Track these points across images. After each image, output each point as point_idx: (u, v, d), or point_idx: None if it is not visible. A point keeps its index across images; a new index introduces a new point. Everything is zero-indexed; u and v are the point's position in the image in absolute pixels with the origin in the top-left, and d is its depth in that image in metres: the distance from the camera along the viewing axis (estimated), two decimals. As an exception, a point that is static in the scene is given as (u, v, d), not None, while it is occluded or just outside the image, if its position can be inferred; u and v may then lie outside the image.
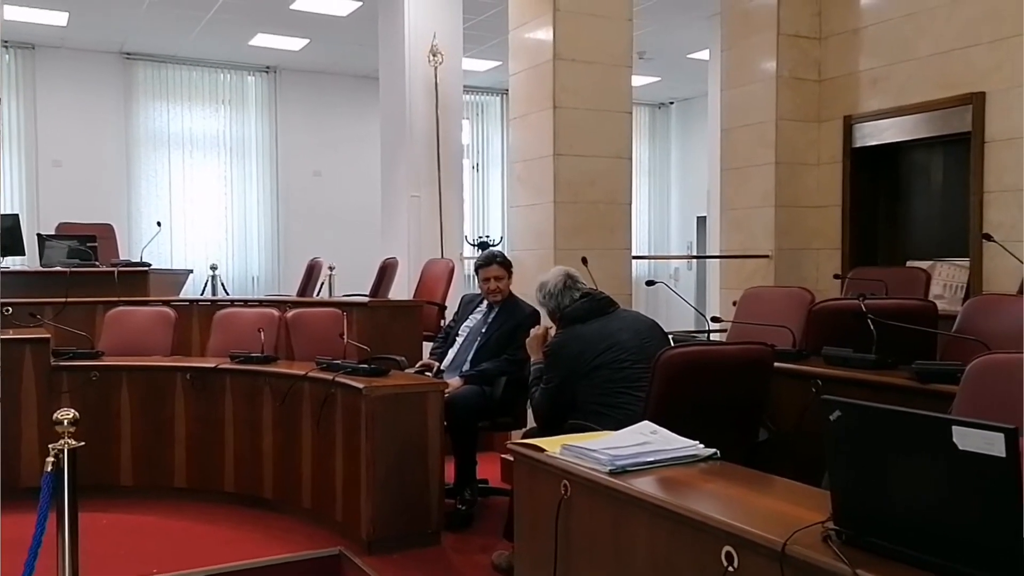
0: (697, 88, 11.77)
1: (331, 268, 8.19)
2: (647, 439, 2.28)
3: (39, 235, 6.80)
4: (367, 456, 3.74)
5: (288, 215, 10.97)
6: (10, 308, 5.59)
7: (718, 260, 6.69)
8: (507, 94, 12.01)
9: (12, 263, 6.54)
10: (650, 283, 4.49)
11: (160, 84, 10.30)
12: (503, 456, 4.95)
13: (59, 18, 8.59)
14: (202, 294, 8.40)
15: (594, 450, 2.19)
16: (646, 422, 2.42)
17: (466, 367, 4.38)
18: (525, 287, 4.80)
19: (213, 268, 8.75)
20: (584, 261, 4.72)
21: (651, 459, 2.16)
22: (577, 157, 5.20)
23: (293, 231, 10.91)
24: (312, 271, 7.18)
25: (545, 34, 5.20)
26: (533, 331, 3.66)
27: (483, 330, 4.49)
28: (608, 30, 5.28)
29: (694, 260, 12.48)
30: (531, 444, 2.37)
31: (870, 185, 5.83)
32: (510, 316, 4.46)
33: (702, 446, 2.24)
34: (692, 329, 7.61)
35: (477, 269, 4.63)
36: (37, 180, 9.55)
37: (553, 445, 2.32)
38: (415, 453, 3.82)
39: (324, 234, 10.44)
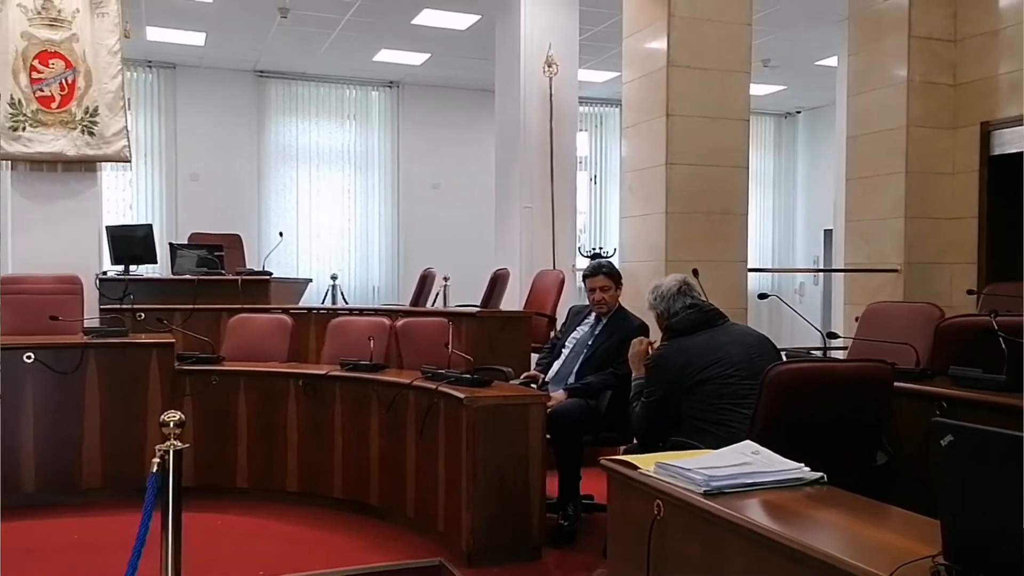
0: (825, 96, 11.31)
1: (446, 279, 8.27)
2: (748, 459, 2.15)
3: (171, 244, 7.15)
4: (468, 467, 3.71)
5: (408, 226, 11.19)
6: (143, 314, 5.90)
7: (843, 274, 6.36)
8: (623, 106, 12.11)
9: (146, 271, 6.89)
10: (762, 296, 4.29)
11: (290, 100, 10.72)
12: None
13: (198, 38, 9.07)
14: (322, 303, 8.65)
15: (689, 469, 2.08)
16: (748, 442, 2.28)
17: (571, 380, 4.30)
18: (636, 300, 4.68)
19: (333, 278, 9.00)
20: (695, 273, 4.54)
21: (750, 481, 2.03)
22: (691, 166, 5.05)
23: (412, 242, 11.11)
24: (425, 281, 7.26)
25: (659, 41, 5.08)
26: (634, 345, 3.54)
27: (590, 342, 4.40)
28: (725, 35, 5.11)
29: (820, 274, 11.95)
30: (624, 461, 2.28)
31: (1009, 195, 5.41)
32: (618, 329, 4.35)
33: (807, 469, 2.08)
34: (814, 346, 7.26)
35: (584, 279, 4.55)
36: (176, 193, 10.09)
37: (647, 463, 2.21)
38: (517, 466, 3.76)
39: (441, 245, 10.59)
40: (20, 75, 5.55)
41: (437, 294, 7.71)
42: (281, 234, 8.35)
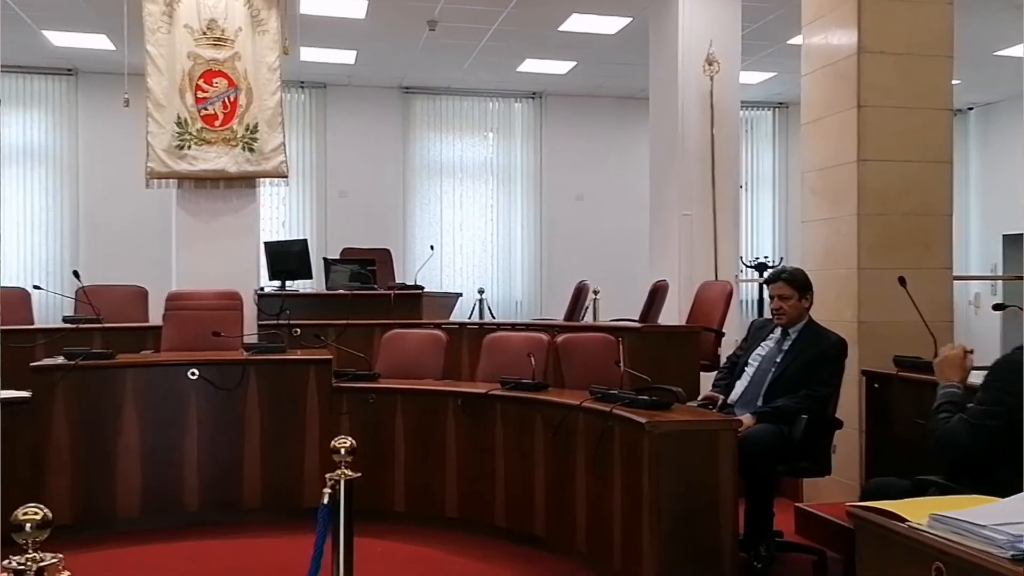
0: (1004, 90, 10.32)
1: (596, 292, 7.95)
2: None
3: (325, 259, 7.14)
4: (650, 500, 3.34)
5: (551, 239, 10.95)
6: (299, 329, 5.85)
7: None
8: (780, 108, 11.48)
9: (301, 286, 6.91)
10: (998, 307, 3.71)
11: (434, 115, 10.70)
12: (798, 505, 4.37)
13: (348, 56, 9.15)
14: (469, 317, 8.49)
15: (981, 525, 1.64)
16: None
17: (759, 403, 3.86)
18: (822, 312, 4.21)
19: (480, 292, 8.83)
20: (902, 282, 4.03)
21: (1072, 546, 1.57)
22: (886, 162, 4.51)
23: (556, 255, 10.87)
24: (579, 295, 6.95)
25: (847, 26, 4.58)
26: (944, 352, 2.97)
27: (778, 360, 3.95)
28: (923, 16, 4.56)
29: (997, 284, 10.88)
30: (882, 510, 1.86)
31: None
32: (810, 345, 3.89)
33: None
34: None
35: (766, 285, 4.14)
36: (326, 209, 10.22)
37: (917, 513, 1.79)
38: (705, 500, 3.36)
39: (587, 258, 10.29)
40: (186, 95, 5.63)
41: (586, 308, 7.39)
42: (432, 247, 8.25)
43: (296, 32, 7.15)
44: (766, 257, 9.99)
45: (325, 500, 2.54)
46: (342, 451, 2.57)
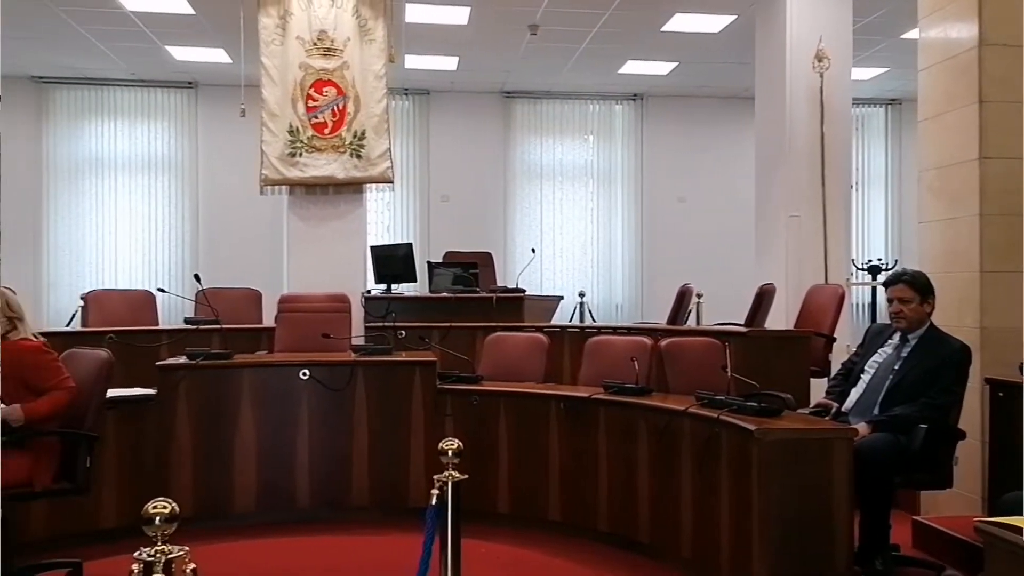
0: None
1: (699, 295, 7.83)
2: None
3: (429, 263, 7.27)
4: (760, 509, 3.27)
5: (652, 242, 10.83)
6: (403, 332, 5.97)
7: None
8: (893, 104, 11.03)
9: (406, 289, 7.04)
10: None
11: (535, 119, 10.74)
12: (916, 518, 4.20)
13: (450, 63, 9.29)
14: (570, 320, 8.48)
15: None
16: None
17: (875, 411, 3.72)
18: (942, 317, 4.02)
19: (581, 295, 8.82)
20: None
21: None
22: (1010, 160, 4.28)
23: (657, 258, 10.75)
24: (683, 298, 6.84)
25: (967, 18, 4.37)
26: None
27: (896, 367, 3.79)
28: (1052, 4, 4.30)
29: None
30: (1016, 526, 1.76)
31: None
32: (931, 351, 3.73)
33: None
34: None
35: (885, 288, 3.98)
36: (428, 213, 10.40)
37: (1052, 532, 1.69)
38: (818, 510, 3.26)
39: (689, 261, 10.12)
40: (298, 104, 5.84)
41: (689, 312, 7.28)
42: (533, 250, 8.29)
43: (401, 40, 7.32)
44: (879, 259, 9.62)
45: (433, 501, 2.58)
46: (449, 453, 2.61)
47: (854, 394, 3.89)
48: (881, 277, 8.56)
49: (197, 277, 5.50)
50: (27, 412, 3.49)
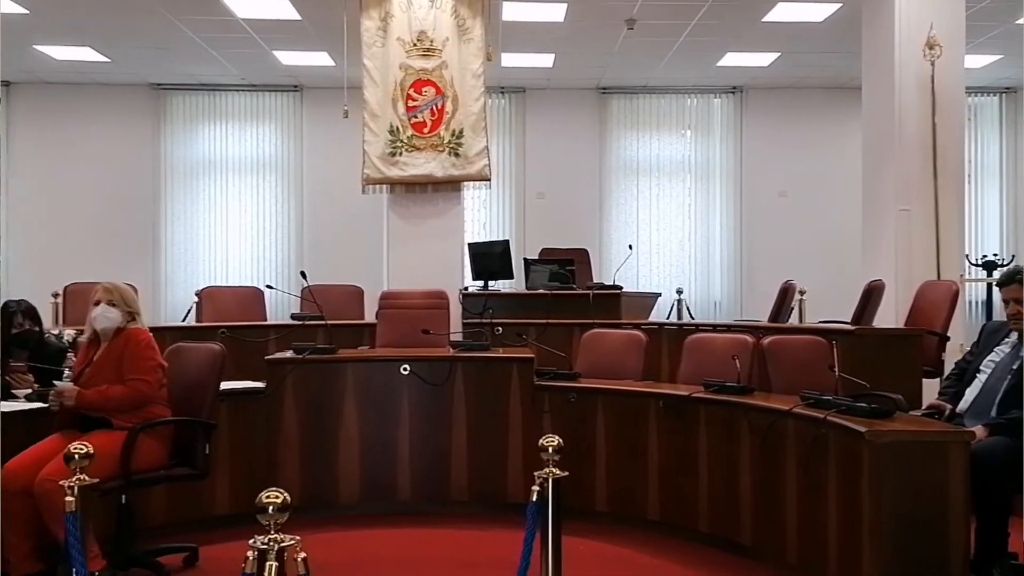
0: None
1: (801, 292, 7.62)
2: None
3: (525, 259, 7.31)
4: (870, 514, 3.16)
5: (752, 238, 10.61)
6: (500, 328, 6.02)
7: None
8: (1008, 93, 10.48)
9: (502, 285, 7.10)
10: None
11: (630, 114, 10.65)
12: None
13: (546, 60, 9.31)
14: (667, 317, 8.39)
15: None
16: None
17: (992, 413, 3.56)
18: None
19: (679, 292, 8.70)
20: None
21: None
22: None
23: (757, 254, 10.52)
24: (785, 295, 6.67)
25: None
26: None
27: (1014, 367, 3.61)
28: None
29: None
30: None
31: None
32: (1053, 352, 3.53)
33: None
34: None
35: (998, 288, 3.80)
36: (524, 210, 10.45)
37: None
38: (932, 516, 3.13)
39: (790, 257, 9.89)
40: (398, 104, 5.96)
41: (792, 309, 7.09)
42: (631, 247, 8.23)
43: (498, 38, 7.38)
44: (995, 255, 9.16)
45: (533, 497, 2.60)
46: (550, 450, 2.62)
47: (969, 395, 3.73)
48: (996, 274, 8.15)
49: (303, 274, 5.68)
50: (88, 395, 3.64)
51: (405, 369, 4.89)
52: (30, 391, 4.05)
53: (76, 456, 2.73)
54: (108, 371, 3.74)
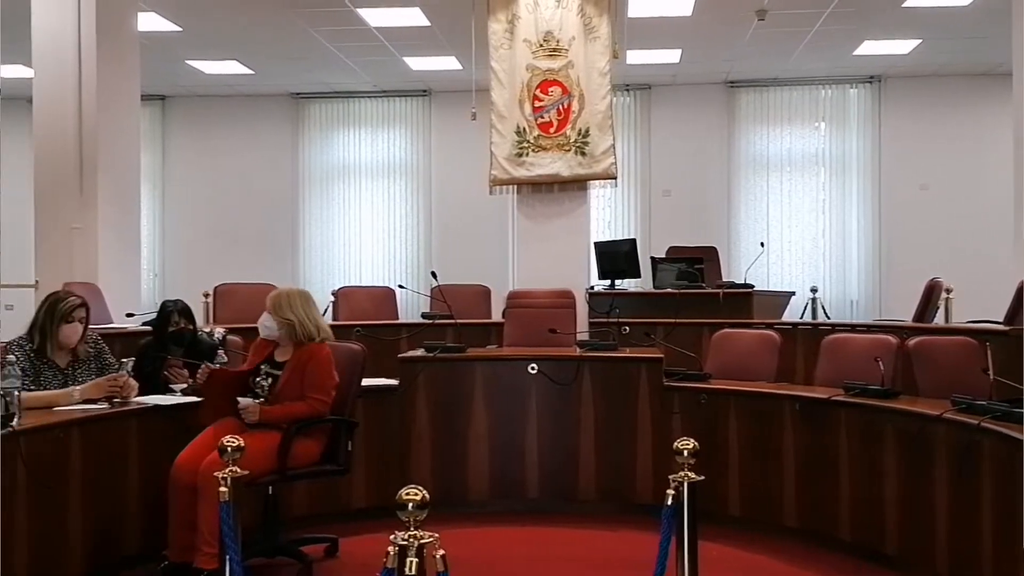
0: None
1: (948, 290, 7.22)
2: None
3: (652, 258, 7.22)
4: (1030, 527, 2.96)
5: (891, 233, 10.13)
6: (627, 327, 5.98)
7: None
8: None
9: (629, 285, 7.04)
10: None
11: (760, 108, 10.38)
12: None
13: (673, 56, 9.17)
14: (801, 317, 8.11)
15: None
16: None
17: None
18: None
19: (813, 291, 8.40)
20: None
21: None
22: None
23: (896, 251, 10.05)
24: (931, 293, 6.33)
25: None
26: None
27: None
28: None
29: None
30: None
31: None
32: None
33: None
34: None
35: None
36: (650, 209, 10.34)
37: None
38: (1102, 533, 2.91)
39: (933, 253, 9.38)
40: (525, 105, 6.00)
41: (937, 308, 6.73)
42: (762, 244, 8.01)
43: (624, 35, 7.31)
44: None
45: (668, 501, 2.56)
46: (685, 453, 2.58)
47: None
48: None
49: (434, 274, 5.79)
50: (273, 413, 3.77)
51: (533, 368, 4.92)
52: (185, 386, 4.30)
53: (228, 449, 2.88)
54: (293, 383, 3.85)
